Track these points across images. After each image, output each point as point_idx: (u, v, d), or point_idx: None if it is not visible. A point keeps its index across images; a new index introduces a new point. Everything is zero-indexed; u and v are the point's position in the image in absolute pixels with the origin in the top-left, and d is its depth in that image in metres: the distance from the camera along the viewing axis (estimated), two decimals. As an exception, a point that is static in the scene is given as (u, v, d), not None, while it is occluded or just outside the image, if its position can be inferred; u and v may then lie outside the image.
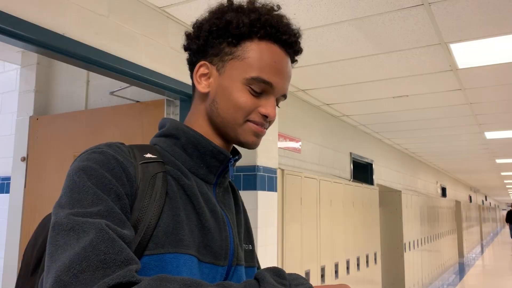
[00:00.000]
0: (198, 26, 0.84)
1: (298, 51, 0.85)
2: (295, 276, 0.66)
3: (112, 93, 2.75)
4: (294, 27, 0.83)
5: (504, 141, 6.66)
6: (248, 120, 0.81)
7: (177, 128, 0.83)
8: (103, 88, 2.90)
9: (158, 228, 0.71)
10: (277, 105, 0.84)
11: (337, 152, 4.89)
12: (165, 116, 2.54)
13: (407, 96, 4.03)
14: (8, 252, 2.93)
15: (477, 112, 4.68)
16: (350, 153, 5.25)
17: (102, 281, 0.56)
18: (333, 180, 3.83)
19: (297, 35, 0.83)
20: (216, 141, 0.84)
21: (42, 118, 2.97)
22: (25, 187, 2.93)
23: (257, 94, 0.80)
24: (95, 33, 1.90)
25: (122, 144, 0.78)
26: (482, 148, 7.51)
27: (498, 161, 9.24)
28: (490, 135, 6.08)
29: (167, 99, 2.51)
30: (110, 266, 0.58)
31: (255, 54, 0.80)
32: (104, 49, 1.93)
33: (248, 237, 0.91)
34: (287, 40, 0.81)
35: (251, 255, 0.89)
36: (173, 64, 2.33)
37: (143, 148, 0.79)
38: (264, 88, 0.80)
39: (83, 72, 2.96)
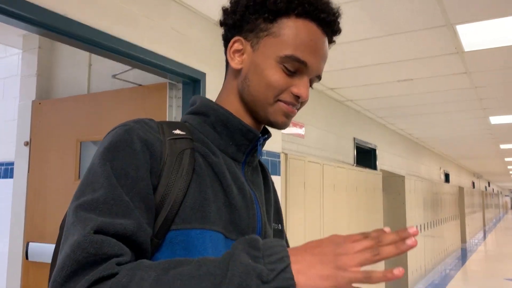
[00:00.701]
0: (235, 0, 0.82)
1: (337, 31, 0.82)
2: (270, 245, 0.61)
3: (114, 76, 2.73)
4: (333, 5, 0.81)
5: (508, 126, 6.61)
6: (279, 100, 0.79)
7: (206, 106, 0.83)
8: (105, 72, 2.88)
9: (184, 204, 0.71)
10: (310, 86, 0.82)
11: (341, 137, 4.87)
12: (167, 100, 2.53)
13: (412, 80, 3.99)
14: (13, 236, 2.94)
15: (482, 96, 4.64)
16: (354, 138, 5.23)
17: (84, 278, 0.57)
18: (337, 165, 3.82)
19: (337, 14, 0.81)
20: (246, 119, 0.83)
21: (45, 102, 2.96)
22: (28, 172, 2.93)
23: (291, 73, 0.78)
24: (95, 14, 1.88)
25: (151, 120, 0.78)
26: (487, 134, 7.47)
27: (502, 146, 9.20)
28: (494, 120, 6.04)
29: (169, 83, 2.49)
30: (97, 263, 0.59)
31: (291, 31, 0.77)
32: (105, 30, 1.91)
33: (278, 216, 0.90)
34: (325, 18, 0.78)
35: (280, 235, 0.88)
36: (175, 47, 2.30)
37: (173, 125, 0.79)
38: (298, 67, 0.78)
39: (85, 56, 2.94)
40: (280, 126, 0.82)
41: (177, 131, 0.78)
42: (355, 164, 5.04)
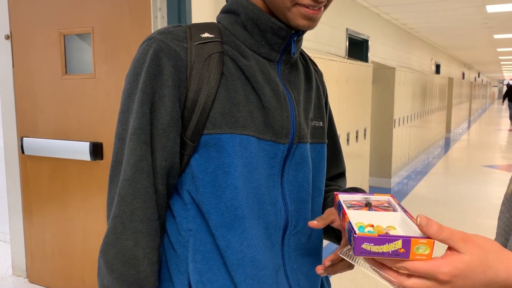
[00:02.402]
0: None
1: None
2: None
3: (92, -37, 2.53)
4: None
5: (505, 15, 6.44)
6: (297, 3, 0.74)
7: (237, 3, 0.80)
8: (82, -42, 2.66)
9: (214, 110, 0.74)
10: None
11: (333, 28, 4.74)
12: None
13: (410, -35, 3.76)
14: (6, 131, 2.98)
15: (482, -17, 4.43)
16: (347, 29, 5.09)
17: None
18: (328, 58, 3.78)
19: None
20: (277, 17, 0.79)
21: (21, -8, 2.78)
22: (13, 67, 2.87)
23: None
24: None
25: (179, 26, 0.78)
26: (482, 23, 7.29)
27: (496, 36, 9.05)
28: (491, 8, 5.85)
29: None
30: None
31: None
32: None
33: (319, 113, 0.90)
34: None
35: (321, 132, 0.88)
36: None
37: (203, 27, 0.79)
38: None
39: None
40: (305, 29, 0.77)
41: (206, 35, 0.77)
42: (346, 57, 4.97)
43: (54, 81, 2.72)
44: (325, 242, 3.95)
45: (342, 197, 0.70)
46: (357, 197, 0.71)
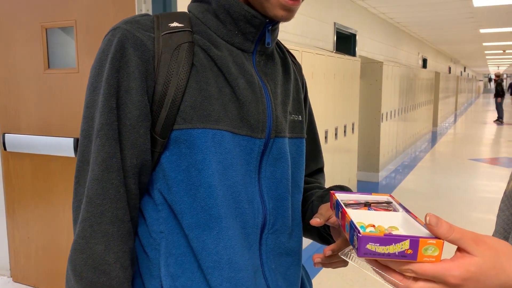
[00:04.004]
0: None
1: None
2: None
3: (75, -46, 2.47)
4: None
5: (491, 9, 6.48)
6: None
7: None
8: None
9: (184, 103, 0.70)
10: None
11: (321, 22, 4.72)
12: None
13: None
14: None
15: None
16: (334, 23, 5.07)
17: None
18: (316, 52, 3.75)
19: None
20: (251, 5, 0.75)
21: (1, -16, 2.71)
22: (-6, 61, 2.79)
23: None
24: None
25: (146, 15, 0.74)
26: (468, 17, 7.33)
27: (482, 31, 9.13)
28: (478, 2, 5.88)
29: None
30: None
31: None
32: None
33: (298, 107, 0.86)
34: None
35: (300, 126, 0.84)
36: None
37: (171, 16, 0.74)
38: None
39: None
40: (283, 20, 0.74)
41: (175, 24, 0.73)
42: (334, 51, 4.96)
43: (36, 76, 2.66)
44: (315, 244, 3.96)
45: (340, 196, 0.67)
46: (355, 196, 0.68)
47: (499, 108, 14.43)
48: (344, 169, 4.69)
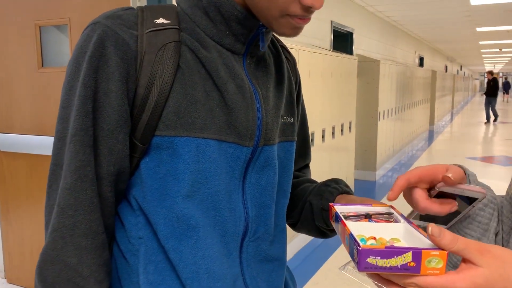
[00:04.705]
0: None
1: None
2: None
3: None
4: None
5: (488, 7, 6.48)
6: (287, 15, 0.65)
7: None
8: None
9: (167, 108, 0.65)
10: None
11: (318, 21, 4.69)
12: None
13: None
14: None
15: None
16: (331, 21, 5.05)
17: None
18: (313, 51, 3.73)
19: None
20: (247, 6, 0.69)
21: (-6, -19, 2.67)
22: (-13, 59, 2.75)
23: None
24: None
25: (129, 9, 0.68)
26: (465, 16, 7.33)
27: (479, 29, 9.13)
28: (475, 0, 5.87)
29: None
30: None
31: None
32: None
33: (291, 108, 0.82)
34: None
35: (291, 128, 0.81)
36: None
37: (158, 11, 0.68)
38: None
39: None
40: (289, 37, 0.69)
41: (160, 20, 0.67)
42: (331, 49, 4.94)
43: (30, 74, 2.62)
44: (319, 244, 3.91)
45: (339, 209, 0.64)
46: (355, 208, 0.66)
47: (492, 109, 14.06)
48: (341, 167, 4.67)
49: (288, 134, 0.80)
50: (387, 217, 0.62)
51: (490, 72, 14.37)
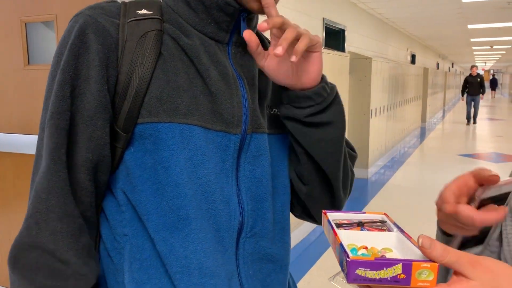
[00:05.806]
0: None
1: None
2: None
3: None
4: None
5: (479, 5, 6.50)
6: None
7: None
8: None
9: (149, 94, 0.65)
10: None
11: (310, 17, 4.67)
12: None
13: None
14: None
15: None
16: (323, 18, 5.03)
17: None
18: (304, 47, 3.71)
19: None
20: None
21: (-22, -23, 2.61)
22: (-28, 57, 2.70)
23: None
24: None
25: (113, 1, 0.70)
26: (457, 13, 7.36)
27: (470, 26, 9.17)
28: (466, -2, 5.89)
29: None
30: None
31: None
32: None
33: (279, 100, 0.79)
34: None
35: (277, 120, 0.78)
36: None
37: (141, 4, 0.70)
38: None
39: None
40: (258, 12, 0.70)
41: (143, 11, 0.68)
42: (323, 46, 4.92)
43: (16, 72, 2.57)
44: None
45: (331, 216, 0.62)
46: (347, 215, 0.64)
47: (475, 108, 12.79)
48: (334, 165, 4.66)
49: (278, 126, 0.78)
50: (380, 225, 0.61)
51: (475, 67, 12.87)
